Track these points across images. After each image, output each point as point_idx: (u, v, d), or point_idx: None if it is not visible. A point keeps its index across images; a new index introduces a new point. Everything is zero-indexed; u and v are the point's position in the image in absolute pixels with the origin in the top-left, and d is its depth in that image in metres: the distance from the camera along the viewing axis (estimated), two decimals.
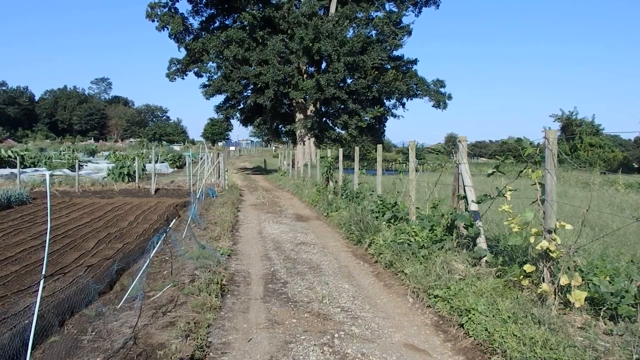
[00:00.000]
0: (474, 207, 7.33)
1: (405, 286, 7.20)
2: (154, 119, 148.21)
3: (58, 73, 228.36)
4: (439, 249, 7.65)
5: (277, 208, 17.52)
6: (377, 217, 10.83)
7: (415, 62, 40.27)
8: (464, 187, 7.61)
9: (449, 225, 8.19)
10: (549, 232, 5.59)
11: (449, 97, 39.12)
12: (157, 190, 22.10)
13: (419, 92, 38.91)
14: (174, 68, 38.57)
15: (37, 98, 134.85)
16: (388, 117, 40.64)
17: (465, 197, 7.59)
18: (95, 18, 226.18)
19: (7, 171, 27.09)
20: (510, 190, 6.51)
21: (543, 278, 5.65)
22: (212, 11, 40.38)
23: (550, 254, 5.52)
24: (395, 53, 38.43)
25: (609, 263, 5.85)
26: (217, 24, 40.37)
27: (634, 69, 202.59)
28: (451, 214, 8.05)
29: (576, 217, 8.72)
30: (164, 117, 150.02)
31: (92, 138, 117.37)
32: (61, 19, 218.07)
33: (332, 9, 36.87)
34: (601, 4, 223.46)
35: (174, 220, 7.62)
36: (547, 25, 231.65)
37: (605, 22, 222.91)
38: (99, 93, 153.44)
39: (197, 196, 14.45)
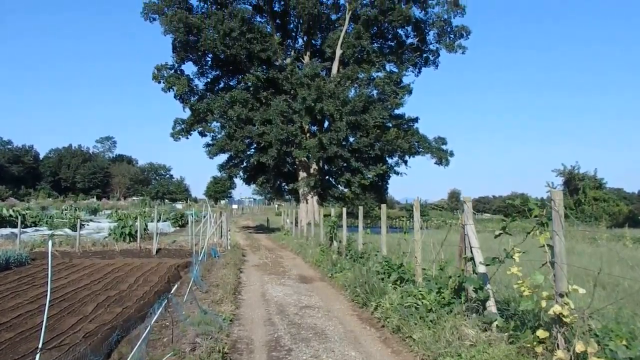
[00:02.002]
0: (482, 269, 7.16)
1: (415, 353, 6.95)
2: (157, 177, 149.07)
3: (64, 132, 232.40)
4: (447, 313, 7.42)
5: (280, 269, 17.27)
6: (382, 279, 10.61)
7: (416, 120, 40.75)
8: (471, 248, 7.46)
9: (456, 287, 7.99)
10: (561, 295, 5.41)
11: (451, 154, 39.36)
12: (158, 250, 21.90)
13: (420, 149, 39.15)
14: (178, 128, 39.02)
15: (41, 156, 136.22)
16: (391, 175, 40.75)
17: (472, 259, 7.43)
18: (102, 79, 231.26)
19: (7, 231, 26.95)
20: (518, 252, 6.36)
21: (557, 344, 5.43)
22: (217, 73, 41.30)
23: (564, 318, 5.33)
24: (397, 112, 38.98)
25: (624, 326, 5.64)
26: (221, 85, 41.21)
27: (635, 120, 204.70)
28: (459, 276, 7.87)
29: (586, 275, 8.53)
30: (167, 175, 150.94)
31: (95, 196, 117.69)
32: (68, 80, 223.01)
33: (334, 70, 37.65)
34: (602, 54, 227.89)
35: (175, 286, 7.45)
36: (545, 76, 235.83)
37: (606, 70, 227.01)
38: (104, 152, 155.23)
39: (199, 257, 14.26)
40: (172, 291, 7.20)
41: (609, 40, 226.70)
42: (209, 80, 41.23)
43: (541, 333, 5.67)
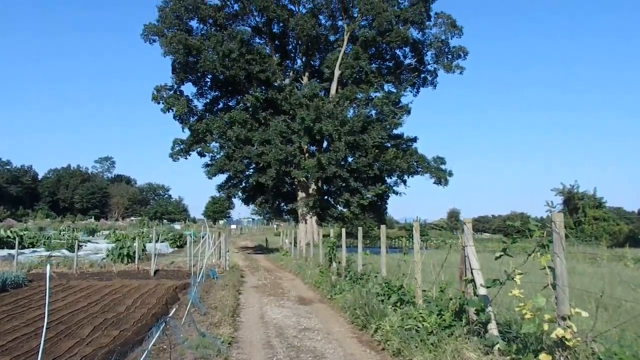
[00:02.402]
0: (482, 291, 7.09)
1: None
2: (156, 197, 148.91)
3: (63, 153, 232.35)
4: (448, 336, 7.33)
5: (279, 290, 17.15)
6: (382, 301, 10.52)
7: (415, 139, 40.85)
8: (472, 270, 7.41)
9: (457, 309, 7.91)
10: (563, 319, 5.35)
11: (450, 174, 39.41)
12: (156, 271, 21.74)
13: (419, 169, 39.22)
14: (177, 148, 39.09)
15: (40, 177, 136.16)
16: (390, 195, 40.68)
17: (473, 281, 7.37)
18: (102, 99, 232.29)
19: (4, 252, 26.81)
20: (519, 274, 6.31)
21: None
22: (216, 93, 41.54)
23: (567, 342, 5.26)
24: (395, 131, 39.05)
25: (628, 349, 5.57)
26: (220, 106, 41.43)
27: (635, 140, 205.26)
28: (460, 298, 7.80)
29: (587, 296, 8.45)
30: (166, 196, 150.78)
31: (93, 217, 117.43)
32: (68, 100, 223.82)
33: (333, 91, 37.87)
34: (602, 72, 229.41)
35: (173, 308, 7.38)
36: (544, 95, 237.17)
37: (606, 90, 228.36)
38: (102, 172, 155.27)
39: (198, 279, 14.16)
40: (170, 313, 7.12)
41: (609, 58, 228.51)
42: (208, 100, 41.51)
43: (544, 357, 5.60)
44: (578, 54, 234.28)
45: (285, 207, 43.07)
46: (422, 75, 41.91)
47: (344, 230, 18.49)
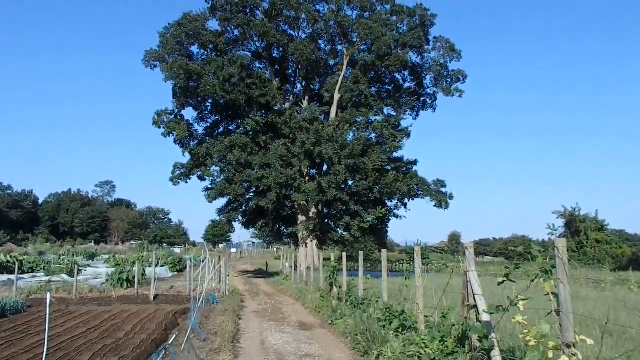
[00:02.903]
0: (485, 317, 7.02)
1: None
2: (156, 221, 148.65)
3: (63, 177, 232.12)
4: None
5: (279, 315, 17.00)
6: (384, 326, 10.41)
7: (415, 162, 40.94)
8: (474, 295, 7.34)
9: (460, 336, 7.83)
10: (568, 346, 5.28)
11: (451, 197, 39.33)
12: (156, 296, 21.59)
13: (420, 192, 39.17)
14: (178, 172, 39.15)
15: (41, 201, 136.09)
16: (390, 218, 40.59)
17: (475, 306, 7.30)
18: (103, 124, 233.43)
19: (4, 277, 26.68)
20: (523, 300, 6.25)
21: None
22: (217, 117, 41.76)
23: None
24: (395, 155, 39.19)
25: None
26: (221, 130, 41.58)
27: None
28: (462, 324, 7.72)
29: (592, 321, 8.37)
30: (166, 219, 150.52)
31: (93, 241, 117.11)
32: (69, 125, 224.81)
33: (333, 114, 38.07)
34: (603, 95, 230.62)
35: (173, 335, 7.30)
36: (545, 117, 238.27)
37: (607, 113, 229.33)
38: (103, 196, 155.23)
39: (198, 304, 14.05)
40: (169, 340, 7.05)
41: (610, 81, 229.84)
42: (208, 125, 41.70)
43: None
44: (579, 77, 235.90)
45: (285, 230, 42.96)
46: (422, 99, 42.17)
47: (344, 254, 18.40)
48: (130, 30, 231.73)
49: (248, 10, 38.07)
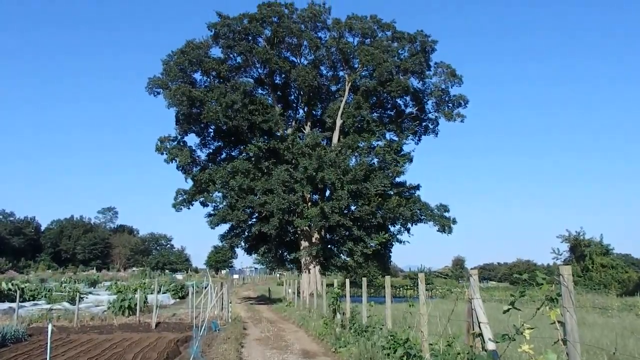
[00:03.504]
0: (491, 345, 6.91)
1: None
2: (158, 247, 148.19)
3: (66, 203, 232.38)
4: None
5: (282, 343, 16.81)
6: (388, 354, 10.27)
7: (417, 187, 40.88)
8: (479, 323, 7.24)
9: None
10: None
11: (454, 222, 39.10)
12: (158, 324, 21.42)
13: (423, 217, 38.99)
14: (180, 198, 39.13)
15: (43, 228, 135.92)
16: (393, 243, 40.34)
17: (481, 335, 7.19)
18: (105, 150, 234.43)
19: (5, 305, 26.48)
20: (529, 329, 6.15)
21: None
22: (219, 143, 41.92)
23: None
24: (398, 179, 39.15)
25: None
26: (223, 155, 41.72)
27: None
28: (467, 352, 7.59)
29: (599, 349, 8.24)
30: (168, 245, 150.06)
31: (95, 267, 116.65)
32: (72, 151, 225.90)
33: (335, 140, 38.18)
34: (607, 118, 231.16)
35: None
36: (548, 142, 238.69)
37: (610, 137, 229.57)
38: (105, 222, 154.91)
39: (200, 332, 13.91)
40: None
41: (613, 104, 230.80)
42: (211, 150, 41.84)
43: None
44: (583, 99, 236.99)
45: (288, 256, 42.74)
46: (424, 124, 42.30)
47: (347, 280, 18.30)
48: (132, 58, 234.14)
49: (250, 38, 38.46)
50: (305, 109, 42.24)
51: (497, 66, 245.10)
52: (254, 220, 38.98)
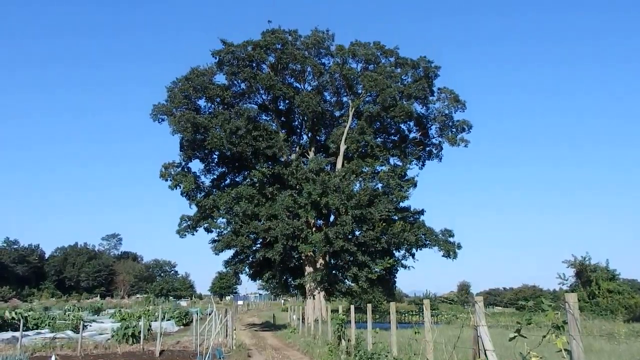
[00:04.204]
0: None
1: None
2: (162, 274, 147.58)
3: (70, 230, 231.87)
4: None
5: None
6: None
7: (422, 212, 40.75)
8: (485, 351, 7.18)
9: None
10: None
11: (459, 247, 38.88)
12: (162, 352, 21.24)
13: (427, 242, 38.83)
14: (184, 224, 39.10)
15: (47, 255, 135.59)
16: (398, 268, 40.08)
17: None
18: (109, 177, 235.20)
19: (9, 334, 26.32)
20: (535, 357, 6.09)
21: None
22: (224, 169, 42.07)
23: None
24: (402, 204, 39.07)
25: None
26: (227, 181, 41.83)
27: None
28: None
29: None
30: (172, 272, 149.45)
31: (99, 295, 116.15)
32: (76, 179, 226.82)
33: (339, 165, 38.26)
34: (615, 149, 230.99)
35: None
36: (552, 168, 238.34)
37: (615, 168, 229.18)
38: (109, 249, 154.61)
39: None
40: None
41: (618, 134, 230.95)
42: (215, 176, 41.96)
43: None
44: (588, 127, 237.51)
45: (292, 282, 42.52)
46: (427, 149, 42.37)
47: (352, 305, 18.16)
48: (136, 84, 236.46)
49: (254, 64, 38.83)
50: (309, 135, 42.44)
51: (504, 94, 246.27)
52: (258, 245, 38.91)
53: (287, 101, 40.80)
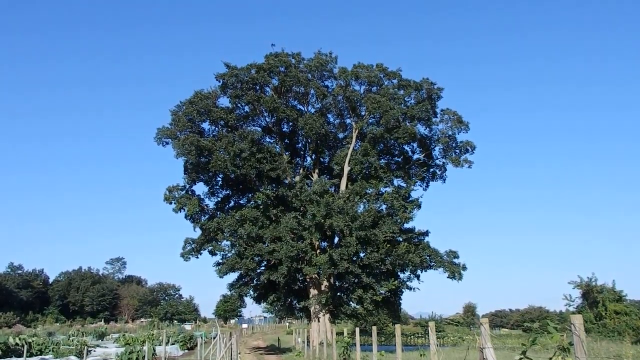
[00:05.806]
0: None
1: None
2: (166, 298, 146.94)
3: (74, 255, 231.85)
4: None
5: None
6: None
7: (426, 233, 40.51)
8: None
9: None
10: None
11: (464, 268, 38.56)
12: None
13: (432, 263, 38.54)
14: (188, 248, 39.03)
15: (51, 280, 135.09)
16: (403, 290, 39.77)
17: None
18: (114, 199, 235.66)
19: None
20: None
21: None
22: (228, 192, 42.12)
23: None
24: (406, 226, 38.82)
25: None
26: (231, 204, 41.82)
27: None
28: None
29: None
30: (177, 295, 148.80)
31: (103, 319, 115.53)
32: (80, 204, 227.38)
33: (343, 187, 38.25)
34: (621, 169, 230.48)
35: None
36: (557, 188, 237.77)
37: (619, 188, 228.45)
38: (113, 273, 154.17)
39: None
40: None
41: (621, 154, 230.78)
42: (219, 199, 41.98)
43: None
44: (593, 149, 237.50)
45: (297, 304, 42.26)
46: (431, 170, 42.28)
47: (357, 328, 18.04)
48: (138, 108, 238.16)
49: (258, 87, 39.08)
50: (313, 157, 42.52)
51: (508, 114, 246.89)
52: (263, 268, 38.74)
53: (290, 123, 41.00)
